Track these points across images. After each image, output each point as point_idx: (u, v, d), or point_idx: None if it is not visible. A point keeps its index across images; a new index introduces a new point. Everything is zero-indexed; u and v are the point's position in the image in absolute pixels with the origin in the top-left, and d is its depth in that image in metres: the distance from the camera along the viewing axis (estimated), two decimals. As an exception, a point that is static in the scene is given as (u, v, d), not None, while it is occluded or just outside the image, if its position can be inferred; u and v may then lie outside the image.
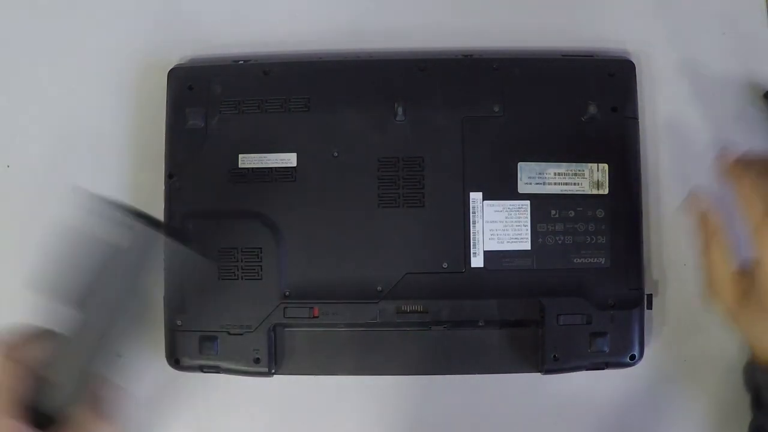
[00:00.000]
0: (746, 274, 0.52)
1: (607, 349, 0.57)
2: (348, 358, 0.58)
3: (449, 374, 0.59)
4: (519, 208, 0.58)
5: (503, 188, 0.58)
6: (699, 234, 0.54)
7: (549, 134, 0.58)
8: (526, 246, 0.58)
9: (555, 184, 0.58)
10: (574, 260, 0.58)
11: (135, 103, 0.62)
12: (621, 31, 0.62)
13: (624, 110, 0.58)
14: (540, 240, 0.58)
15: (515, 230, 0.58)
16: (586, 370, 0.57)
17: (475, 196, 0.58)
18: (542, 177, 0.58)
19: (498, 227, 0.58)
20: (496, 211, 0.58)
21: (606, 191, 0.58)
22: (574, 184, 0.58)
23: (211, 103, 0.59)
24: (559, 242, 0.58)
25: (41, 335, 0.50)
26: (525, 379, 0.59)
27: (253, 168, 0.58)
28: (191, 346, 0.58)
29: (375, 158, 0.58)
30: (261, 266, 0.58)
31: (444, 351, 0.58)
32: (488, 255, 0.57)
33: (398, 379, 0.60)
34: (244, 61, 0.60)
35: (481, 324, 0.57)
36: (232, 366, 0.57)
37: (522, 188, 0.58)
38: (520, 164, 0.58)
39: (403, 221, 0.58)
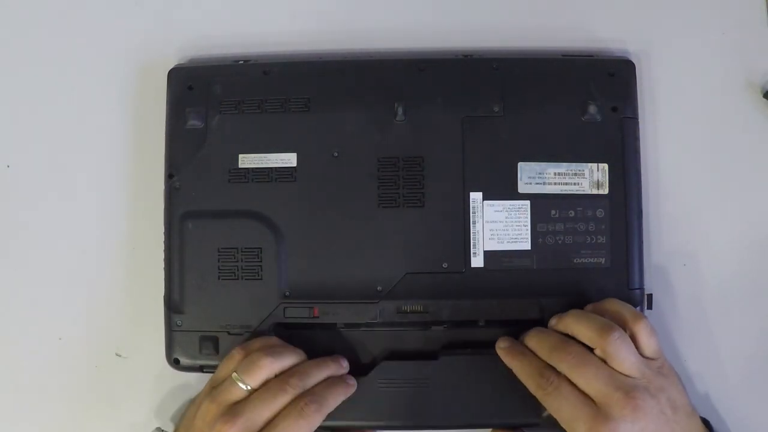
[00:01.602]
0: None
1: (607, 349, 0.57)
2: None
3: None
4: (519, 208, 0.58)
5: (503, 188, 0.58)
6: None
7: (549, 134, 0.58)
8: (526, 246, 0.58)
9: (555, 184, 0.58)
10: (574, 260, 0.58)
11: (135, 103, 0.62)
12: (621, 31, 0.62)
13: (624, 110, 0.58)
14: (540, 240, 0.58)
15: (515, 230, 0.58)
16: (586, 370, 0.57)
17: (475, 196, 0.58)
18: (542, 177, 0.58)
19: (498, 227, 0.58)
20: (496, 211, 0.58)
21: (606, 191, 0.58)
22: (574, 184, 0.58)
23: (211, 103, 0.59)
24: (559, 242, 0.58)
25: None
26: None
27: (253, 168, 0.58)
28: (191, 346, 0.58)
29: (375, 158, 0.58)
30: (261, 266, 0.58)
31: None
32: (488, 255, 0.57)
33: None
34: (244, 61, 0.60)
35: (481, 324, 0.57)
36: (232, 366, 0.57)
37: (522, 188, 0.58)
38: (520, 164, 0.58)
39: (403, 221, 0.57)
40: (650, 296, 0.58)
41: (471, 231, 0.58)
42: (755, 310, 0.60)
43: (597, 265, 0.57)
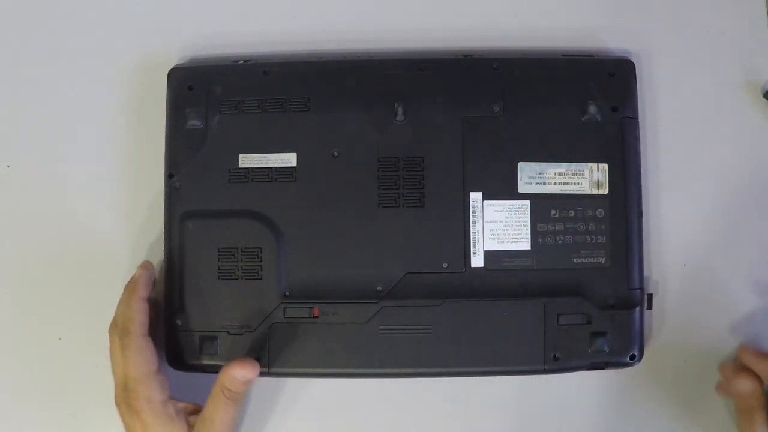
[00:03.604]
0: None
1: (607, 349, 0.57)
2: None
3: (449, 375, 0.59)
4: (519, 208, 0.58)
5: (503, 188, 0.58)
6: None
7: (549, 134, 0.58)
8: (526, 246, 0.58)
9: (555, 184, 0.58)
10: (574, 260, 0.58)
11: (135, 103, 0.62)
12: (621, 31, 0.62)
13: (624, 110, 0.58)
14: (540, 240, 0.58)
15: (515, 230, 0.58)
16: (586, 370, 0.57)
17: (475, 196, 0.58)
18: (542, 177, 0.58)
19: (498, 227, 0.58)
20: (496, 211, 0.58)
21: (606, 191, 0.58)
22: (574, 184, 0.58)
23: (211, 103, 0.59)
24: (559, 242, 0.58)
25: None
26: (525, 379, 0.60)
27: (253, 168, 0.58)
28: (191, 346, 0.58)
29: (375, 158, 0.58)
30: (261, 266, 0.58)
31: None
32: (488, 255, 0.57)
33: (398, 380, 0.60)
34: (244, 61, 0.60)
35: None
36: (232, 366, 0.57)
37: (522, 188, 0.58)
38: (520, 164, 0.58)
39: (403, 221, 0.58)
40: (650, 296, 0.58)
41: (471, 231, 0.58)
42: (755, 310, 0.60)
43: (597, 265, 0.57)
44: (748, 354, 0.57)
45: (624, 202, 0.58)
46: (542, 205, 0.58)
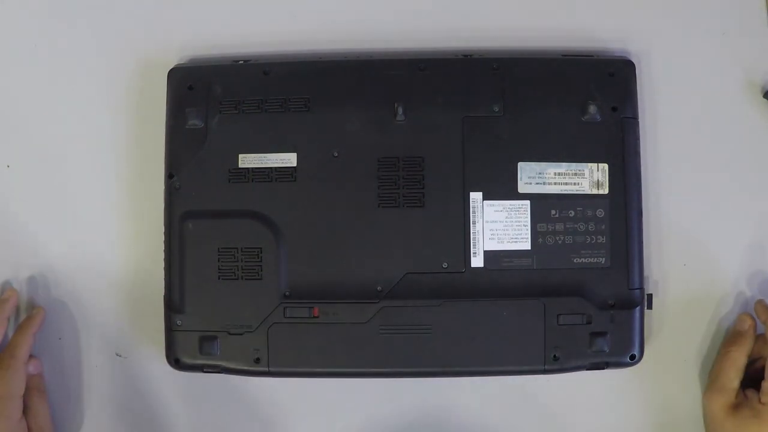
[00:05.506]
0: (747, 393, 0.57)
1: (607, 349, 0.57)
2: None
3: (449, 375, 0.59)
4: (519, 208, 0.58)
5: (503, 188, 0.58)
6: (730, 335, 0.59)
7: (549, 134, 0.58)
8: (526, 246, 0.58)
9: (555, 184, 0.58)
10: (574, 260, 0.58)
11: (135, 103, 0.62)
12: (621, 31, 0.62)
13: (624, 110, 0.58)
14: (540, 240, 0.58)
15: (515, 230, 0.58)
16: (586, 370, 0.57)
17: (475, 196, 0.58)
18: (542, 177, 0.58)
19: (498, 227, 0.58)
20: (496, 211, 0.58)
21: (606, 191, 0.58)
22: (574, 184, 0.58)
23: (211, 103, 0.59)
24: (559, 242, 0.58)
25: None
26: (525, 379, 0.60)
27: (253, 168, 0.58)
28: (191, 346, 0.58)
29: (375, 158, 0.58)
30: (261, 266, 0.58)
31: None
32: (488, 255, 0.57)
33: (398, 380, 0.60)
34: (244, 61, 0.60)
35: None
36: (232, 366, 0.57)
37: (522, 188, 0.58)
38: (520, 164, 0.58)
39: (403, 221, 0.58)
40: (650, 296, 0.58)
41: (471, 231, 0.58)
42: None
43: (597, 265, 0.57)
44: (761, 305, 0.59)
45: (624, 202, 0.58)
46: (542, 205, 0.58)
